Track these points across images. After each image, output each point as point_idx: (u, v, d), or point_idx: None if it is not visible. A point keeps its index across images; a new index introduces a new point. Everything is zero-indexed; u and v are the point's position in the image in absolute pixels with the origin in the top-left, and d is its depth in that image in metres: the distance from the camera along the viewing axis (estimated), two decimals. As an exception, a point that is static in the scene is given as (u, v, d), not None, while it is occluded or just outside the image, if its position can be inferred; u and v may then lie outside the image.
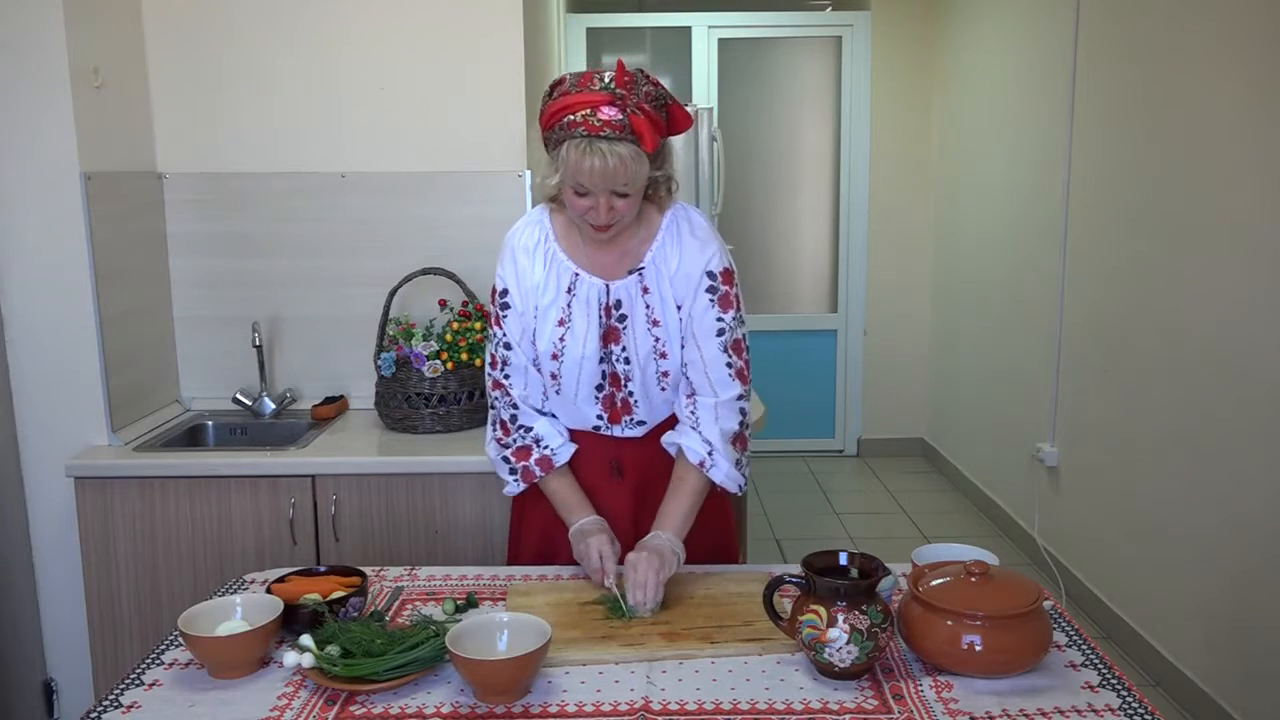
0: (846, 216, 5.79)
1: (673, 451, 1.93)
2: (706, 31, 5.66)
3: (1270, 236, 2.74)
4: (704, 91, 5.64)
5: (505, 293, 1.90)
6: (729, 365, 1.87)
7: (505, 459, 1.95)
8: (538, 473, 1.92)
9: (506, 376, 1.93)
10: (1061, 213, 3.98)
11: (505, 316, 1.91)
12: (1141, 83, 3.39)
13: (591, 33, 5.52)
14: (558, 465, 1.93)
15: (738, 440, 1.90)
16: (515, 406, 1.93)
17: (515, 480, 1.95)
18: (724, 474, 1.87)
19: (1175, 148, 3.18)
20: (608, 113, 1.67)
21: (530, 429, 1.94)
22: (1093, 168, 3.75)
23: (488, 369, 1.97)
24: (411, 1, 2.92)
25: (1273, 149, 2.72)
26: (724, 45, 5.69)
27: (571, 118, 1.68)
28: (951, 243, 5.44)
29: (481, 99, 2.94)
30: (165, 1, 2.90)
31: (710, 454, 1.85)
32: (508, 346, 1.91)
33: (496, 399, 1.95)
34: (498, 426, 1.96)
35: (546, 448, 1.93)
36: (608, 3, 5.94)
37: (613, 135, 1.67)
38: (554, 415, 1.97)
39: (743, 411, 1.90)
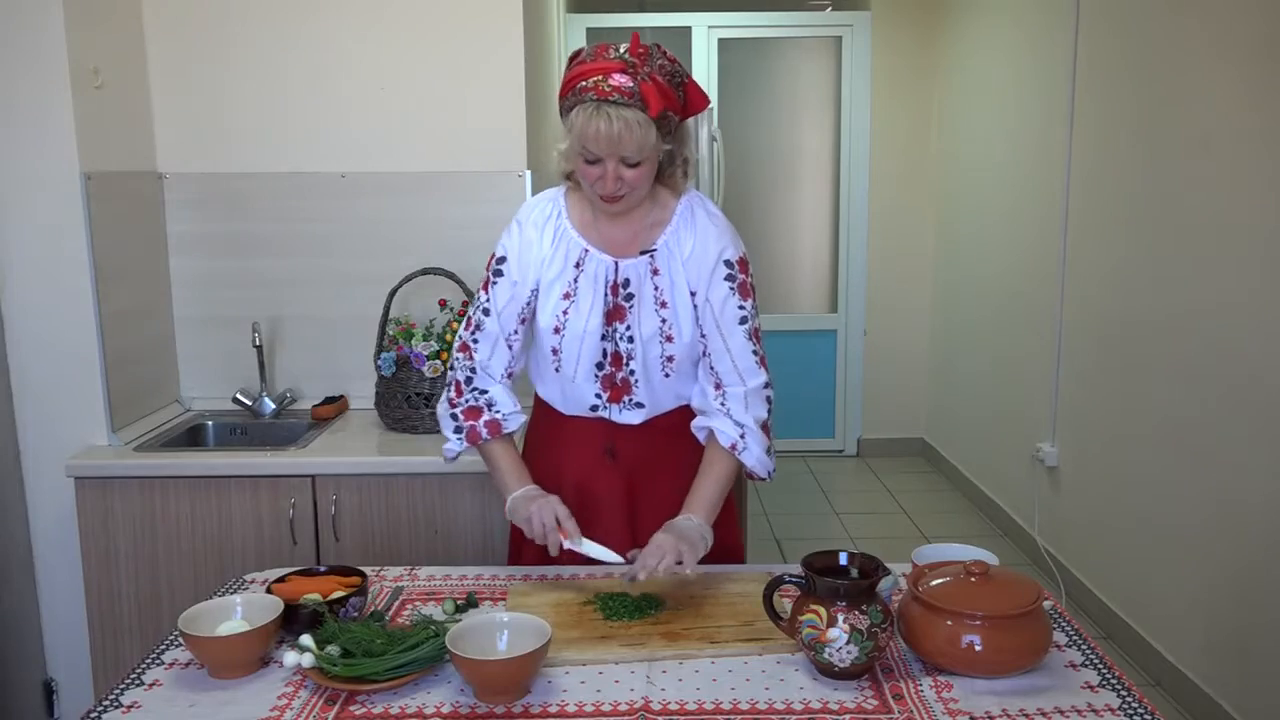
0: (846, 216, 5.79)
1: (701, 437, 1.93)
2: (706, 31, 5.66)
3: (1269, 236, 2.74)
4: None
5: (502, 260, 1.90)
6: (755, 353, 1.89)
7: (453, 416, 1.93)
8: (484, 435, 1.90)
9: (475, 340, 1.92)
10: (1061, 212, 3.98)
11: (495, 283, 1.91)
12: (1141, 82, 3.39)
13: (591, 33, 5.52)
14: (505, 431, 1.91)
15: (764, 429, 1.90)
16: (473, 370, 1.92)
17: (459, 439, 1.92)
18: (755, 458, 1.87)
19: (1174, 147, 3.18)
20: (618, 79, 1.69)
21: (485, 392, 1.92)
22: (1092, 167, 3.75)
23: (460, 329, 1.96)
24: (412, 2, 2.92)
25: (1271, 150, 2.72)
26: (724, 45, 5.69)
27: (584, 84, 1.70)
28: (951, 242, 5.44)
29: (481, 99, 2.94)
30: (165, 1, 2.90)
31: (743, 436, 1.86)
32: (486, 313, 1.91)
33: (458, 360, 1.94)
34: (451, 387, 1.94)
35: (498, 412, 1.91)
36: (608, 3, 5.94)
37: (621, 100, 1.68)
38: (506, 387, 1.94)
39: (769, 400, 1.91)
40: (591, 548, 1.78)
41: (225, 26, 2.92)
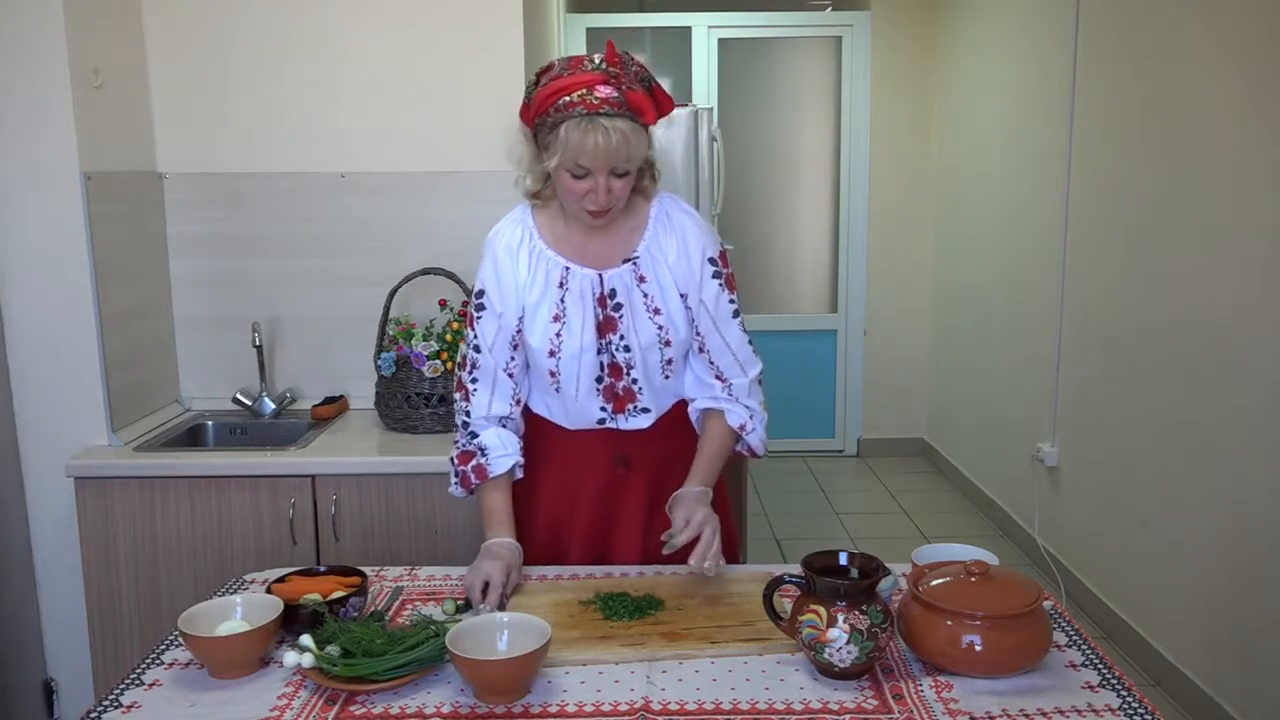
0: (846, 216, 5.79)
1: (694, 417, 1.97)
2: (706, 31, 5.66)
3: (1270, 237, 2.74)
4: (704, 91, 5.64)
5: (482, 293, 1.90)
6: (750, 343, 1.95)
7: (452, 459, 1.95)
8: (473, 480, 1.91)
9: (474, 380, 1.91)
10: (1061, 213, 3.98)
11: (480, 318, 1.90)
12: (1141, 82, 3.39)
13: (591, 33, 5.52)
14: (491, 476, 1.90)
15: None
16: (468, 414, 1.92)
17: (455, 484, 1.94)
18: (759, 438, 1.98)
19: (1174, 148, 3.18)
20: (604, 91, 1.68)
21: (476, 436, 1.92)
22: (1092, 167, 3.75)
23: (457, 368, 1.95)
24: (412, 2, 2.92)
25: (1272, 151, 2.72)
26: (724, 45, 5.70)
27: (568, 99, 1.68)
28: (951, 242, 5.44)
29: (482, 99, 2.94)
30: (165, 1, 2.90)
31: (751, 418, 1.95)
32: (477, 349, 1.90)
33: (456, 401, 1.94)
34: (456, 427, 1.96)
35: (485, 457, 1.90)
36: (608, 3, 5.95)
37: (611, 112, 1.68)
38: (507, 429, 1.93)
39: (760, 384, 2.00)
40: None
41: (225, 27, 2.92)
